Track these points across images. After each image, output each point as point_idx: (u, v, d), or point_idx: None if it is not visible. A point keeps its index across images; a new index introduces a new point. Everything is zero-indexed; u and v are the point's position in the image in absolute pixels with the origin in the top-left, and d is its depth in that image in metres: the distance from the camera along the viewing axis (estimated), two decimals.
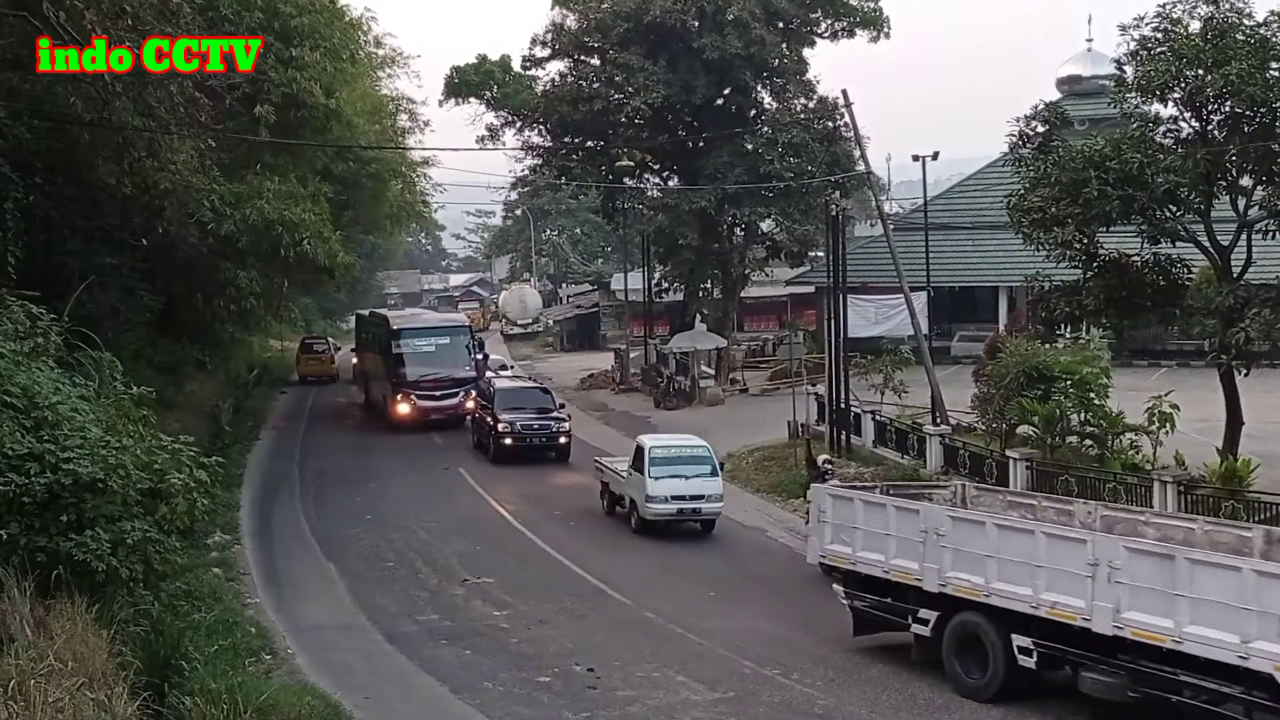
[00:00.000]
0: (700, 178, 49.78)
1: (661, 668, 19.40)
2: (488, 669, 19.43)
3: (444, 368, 43.57)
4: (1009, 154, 28.94)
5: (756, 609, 22.80)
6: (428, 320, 50.97)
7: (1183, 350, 43.65)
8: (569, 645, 20.51)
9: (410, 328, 45.92)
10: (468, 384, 43.00)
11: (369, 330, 51.36)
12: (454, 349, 44.58)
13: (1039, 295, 29.20)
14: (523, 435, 37.21)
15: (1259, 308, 24.67)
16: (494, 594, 23.57)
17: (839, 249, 37.88)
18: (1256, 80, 24.66)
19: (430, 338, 44.94)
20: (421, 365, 43.44)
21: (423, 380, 42.93)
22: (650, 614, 22.35)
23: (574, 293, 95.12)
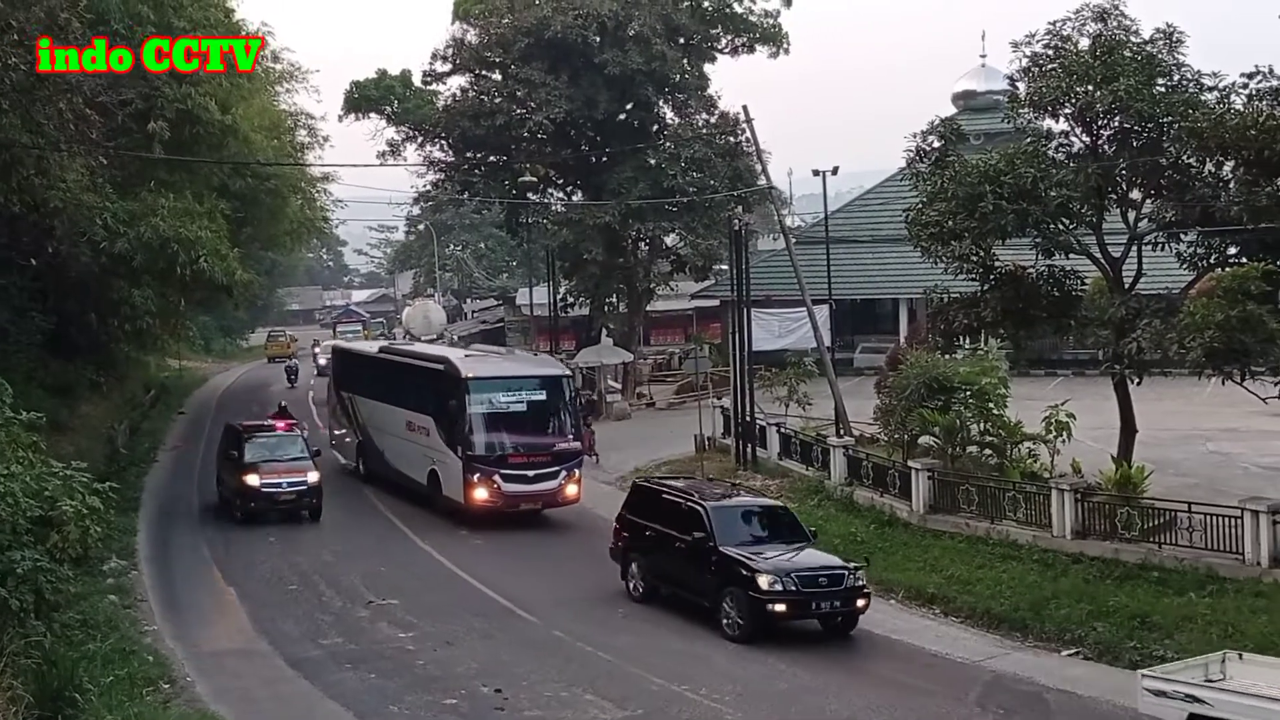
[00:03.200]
0: (604, 192, 49.83)
1: (570, 686, 19.29)
2: (393, 692, 19.14)
3: (538, 435, 31.06)
4: (907, 169, 29.35)
5: (667, 625, 22.78)
6: (513, 366, 34.46)
7: (1078, 360, 44.55)
8: (476, 666, 20.30)
9: (489, 377, 31.38)
10: (571, 460, 30.86)
11: (393, 376, 35.90)
12: (551, 408, 31.50)
13: (938, 308, 29.62)
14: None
15: (1150, 318, 25.21)
16: (399, 616, 23.26)
17: (742, 263, 38.13)
18: (1143, 96, 25.31)
19: (519, 392, 31.31)
20: (507, 432, 30.70)
21: (511, 455, 30.37)
22: (559, 633, 22.22)
23: (479, 308, 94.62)
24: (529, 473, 30.25)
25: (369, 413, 36.48)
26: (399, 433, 33.90)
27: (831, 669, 20.14)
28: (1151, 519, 23.93)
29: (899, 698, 18.86)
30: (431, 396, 32.18)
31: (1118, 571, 23.00)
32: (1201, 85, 25.89)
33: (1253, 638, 19.41)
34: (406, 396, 33.91)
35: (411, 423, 33.11)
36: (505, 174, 54.26)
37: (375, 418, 35.96)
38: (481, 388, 30.74)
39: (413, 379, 34.19)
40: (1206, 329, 23.22)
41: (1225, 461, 31.67)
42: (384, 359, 37.50)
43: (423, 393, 32.90)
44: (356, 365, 39.58)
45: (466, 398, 30.27)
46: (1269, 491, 25.24)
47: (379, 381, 36.29)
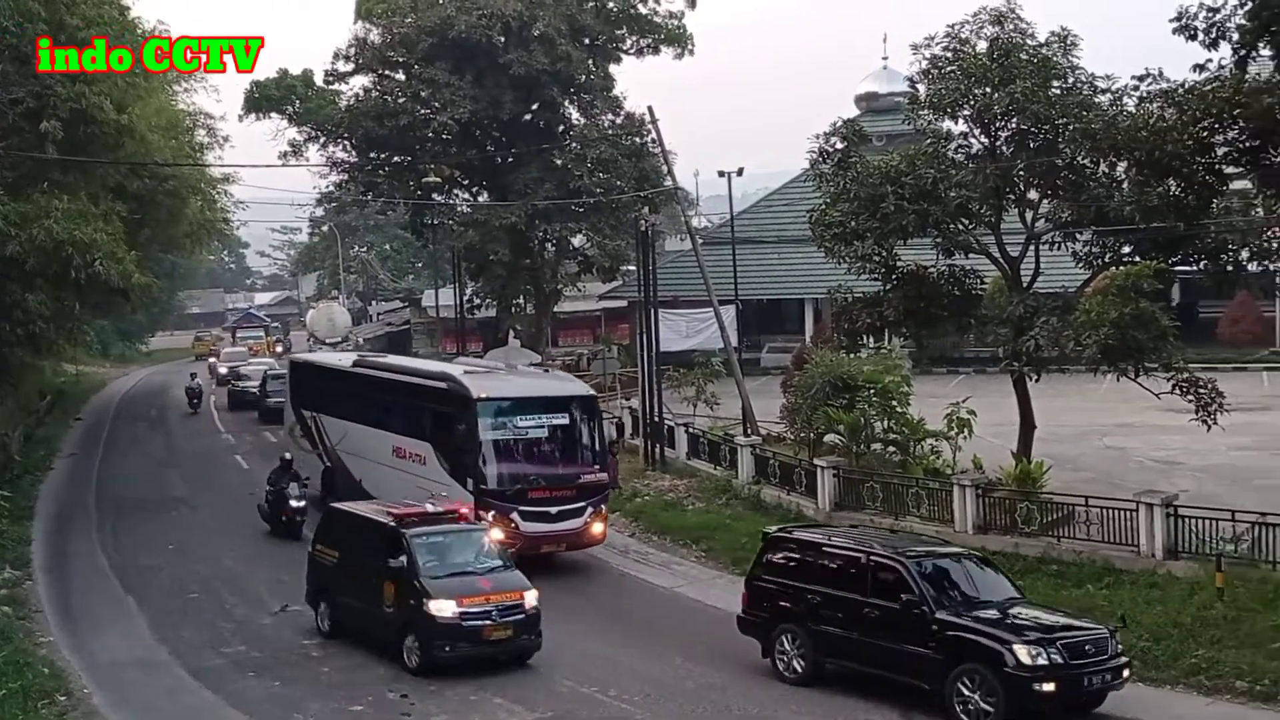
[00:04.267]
0: (510, 193, 49.70)
1: (478, 690, 19.17)
2: (298, 700, 18.88)
3: (561, 466, 26.66)
4: (810, 170, 29.61)
5: (576, 626, 22.66)
6: (529, 384, 29.44)
7: (979, 357, 45.26)
8: (383, 671, 20.07)
9: (505, 398, 26.87)
10: (598, 494, 26.62)
11: (374, 394, 30.88)
12: (576, 433, 27.09)
13: (842, 307, 29.93)
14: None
15: (1047, 316, 25.70)
16: (305, 622, 22.95)
17: (649, 264, 38.21)
18: (1039, 98, 25.79)
19: (539, 415, 26.69)
20: (526, 462, 26.31)
21: (531, 490, 25.81)
22: None
23: (384, 310, 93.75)
24: (551, 509, 25.69)
25: (340, 435, 31.73)
26: (383, 460, 29.06)
27: (736, 668, 20.18)
28: (1050, 513, 24.41)
29: (809, 693, 18.96)
30: (430, 419, 27.83)
31: (1018, 565, 23.36)
32: (1095, 87, 26.46)
33: (1148, 627, 19.88)
34: (394, 418, 29.41)
35: (401, 449, 28.56)
36: (410, 175, 53.86)
37: (349, 442, 31.14)
38: (496, 410, 26.19)
39: (403, 399, 29.42)
40: (1101, 326, 23.76)
41: (1121, 456, 32.38)
42: (362, 375, 31.94)
43: (417, 415, 28.41)
44: (323, 381, 34.30)
45: (478, 422, 25.82)
46: (1162, 485, 25.90)
47: (355, 400, 31.50)
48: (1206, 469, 29.49)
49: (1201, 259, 26.29)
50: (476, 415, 25.97)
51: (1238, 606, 20.26)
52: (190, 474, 39.27)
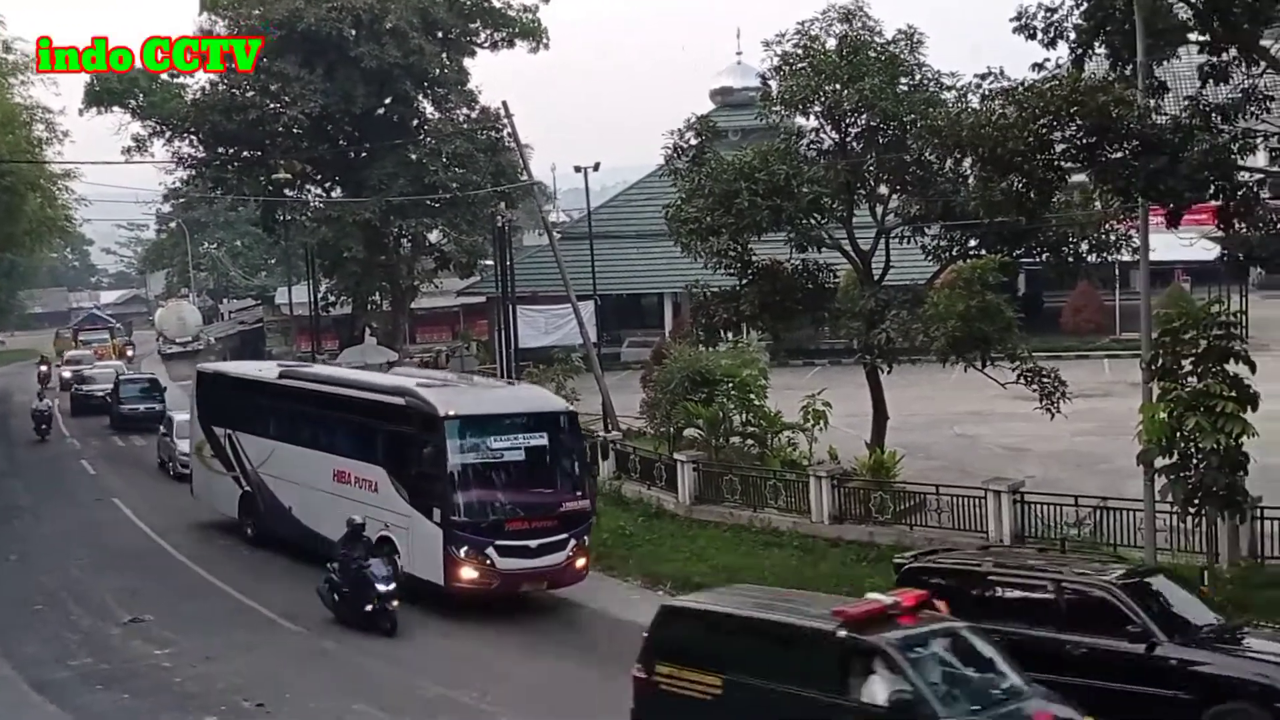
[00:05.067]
0: (364, 189, 49.03)
1: (339, 698, 18.83)
2: (147, 712, 18.35)
3: (541, 493, 23.71)
4: (665, 166, 29.77)
5: (441, 629, 22.48)
6: (501, 399, 25.66)
7: (834, 350, 45.96)
8: (238, 681, 19.60)
9: (476, 416, 23.45)
10: (581, 524, 23.53)
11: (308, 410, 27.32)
12: (556, 455, 23.89)
13: (700, 302, 30.17)
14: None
15: (897, 309, 26.26)
16: (155, 632, 22.28)
17: (506, 259, 38.08)
18: (887, 95, 26.32)
19: (515, 435, 23.33)
20: (502, 489, 23.33)
21: (508, 520, 22.83)
22: (329, 643, 21.62)
23: (237, 308, 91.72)
24: (531, 543, 22.53)
25: (263, 457, 28.14)
26: (320, 485, 25.70)
27: (609, 668, 20.19)
28: (903, 502, 24.97)
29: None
30: (384, 441, 24.38)
31: (873, 553, 23.86)
32: (941, 84, 27.11)
33: None
34: (336, 439, 25.96)
35: (345, 474, 25.03)
36: (260, 170, 52.67)
37: (276, 464, 27.63)
38: (466, 430, 22.78)
39: (348, 417, 25.76)
40: (949, 319, 24.36)
41: (971, 444, 33.23)
42: (292, 388, 27.99)
43: (366, 435, 24.93)
44: (240, 395, 30.24)
45: (446, 444, 22.44)
46: (1010, 471, 26.68)
47: (282, 417, 27.94)
48: (1052, 455, 30.44)
49: (1044, 251, 27.14)
50: (444, 436, 22.47)
51: None
52: (34, 483, 37.86)
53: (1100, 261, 27.86)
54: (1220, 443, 18.87)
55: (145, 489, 36.40)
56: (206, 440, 30.85)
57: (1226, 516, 20.02)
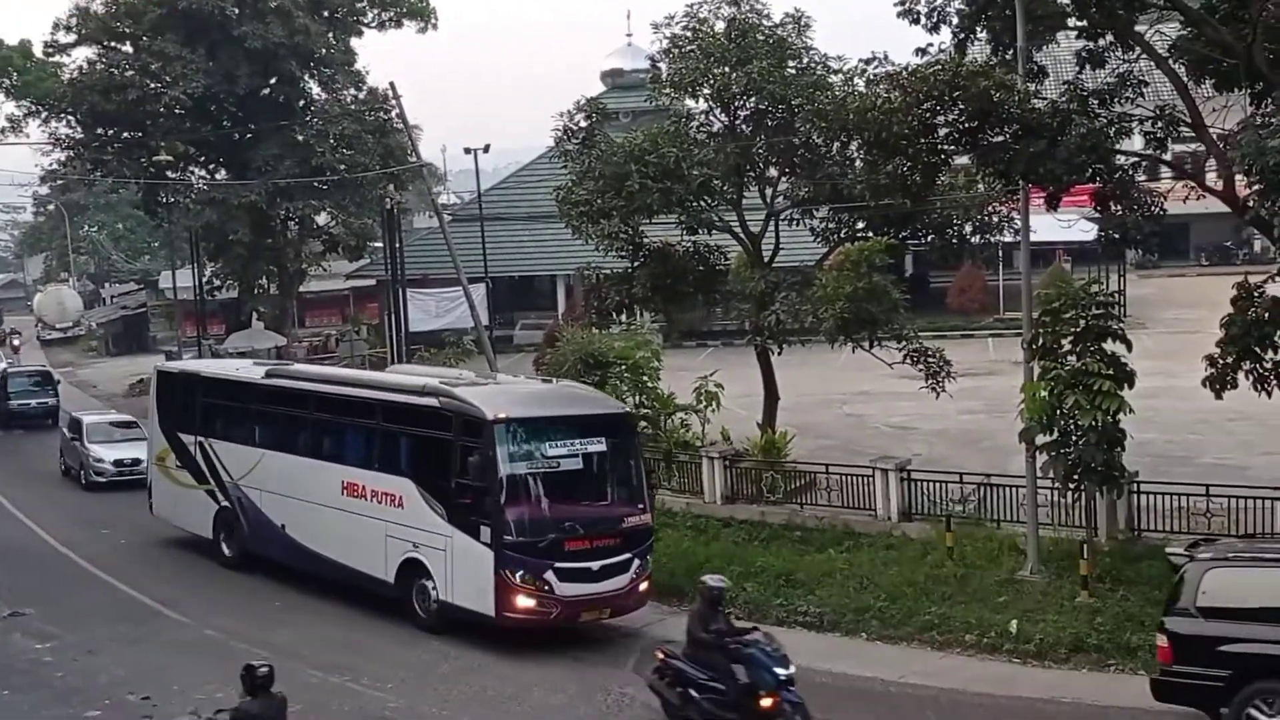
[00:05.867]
0: (249, 171, 48.19)
1: (224, 687, 18.32)
2: (28, 709, 17.88)
3: (601, 507, 20.96)
4: (556, 148, 29.68)
5: (324, 615, 22.26)
6: (553, 401, 22.05)
7: (727, 331, 46.21)
8: (122, 674, 19.20)
9: (530, 419, 20.46)
10: (644, 542, 20.69)
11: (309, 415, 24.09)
12: (616, 464, 21.12)
13: (592, 285, 30.16)
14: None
15: (787, 291, 26.53)
16: (35, 626, 21.71)
17: (396, 242, 37.71)
18: (775, 78, 26.52)
19: (571, 440, 20.37)
20: (558, 504, 20.25)
21: (568, 539, 19.81)
22: (212, 632, 21.30)
23: (119, 292, 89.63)
24: (593, 564, 19.70)
25: (246, 467, 25.07)
26: (325, 499, 22.80)
27: (495, 648, 20.16)
28: (794, 481, 25.28)
29: (564, 669, 19.11)
30: (412, 449, 21.70)
31: (764, 533, 24.13)
32: (828, 68, 27.40)
33: (885, 588, 20.79)
34: (344, 447, 23.27)
35: (358, 486, 22.19)
36: (141, 151, 51.40)
37: (263, 476, 24.62)
38: (519, 435, 19.94)
39: (360, 420, 22.98)
40: (838, 300, 24.68)
41: (860, 423, 33.71)
42: (285, 389, 24.89)
43: (387, 442, 22.23)
44: (215, 397, 26.98)
45: (496, 451, 19.52)
46: (897, 450, 27.14)
47: (272, 423, 25.03)
48: (938, 433, 31.02)
49: (929, 233, 27.64)
50: (494, 442, 19.52)
51: (966, 564, 21.44)
52: None
53: (983, 243, 28.42)
54: (1098, 420, 19.40)
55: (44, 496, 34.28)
56: (170, 449, 27.21)
57: (1104, 491, 20.60)
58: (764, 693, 14.93)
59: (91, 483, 34.00)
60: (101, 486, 33.35)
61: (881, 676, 18.32)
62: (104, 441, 34.71)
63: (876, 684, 18.11)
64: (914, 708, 17.18)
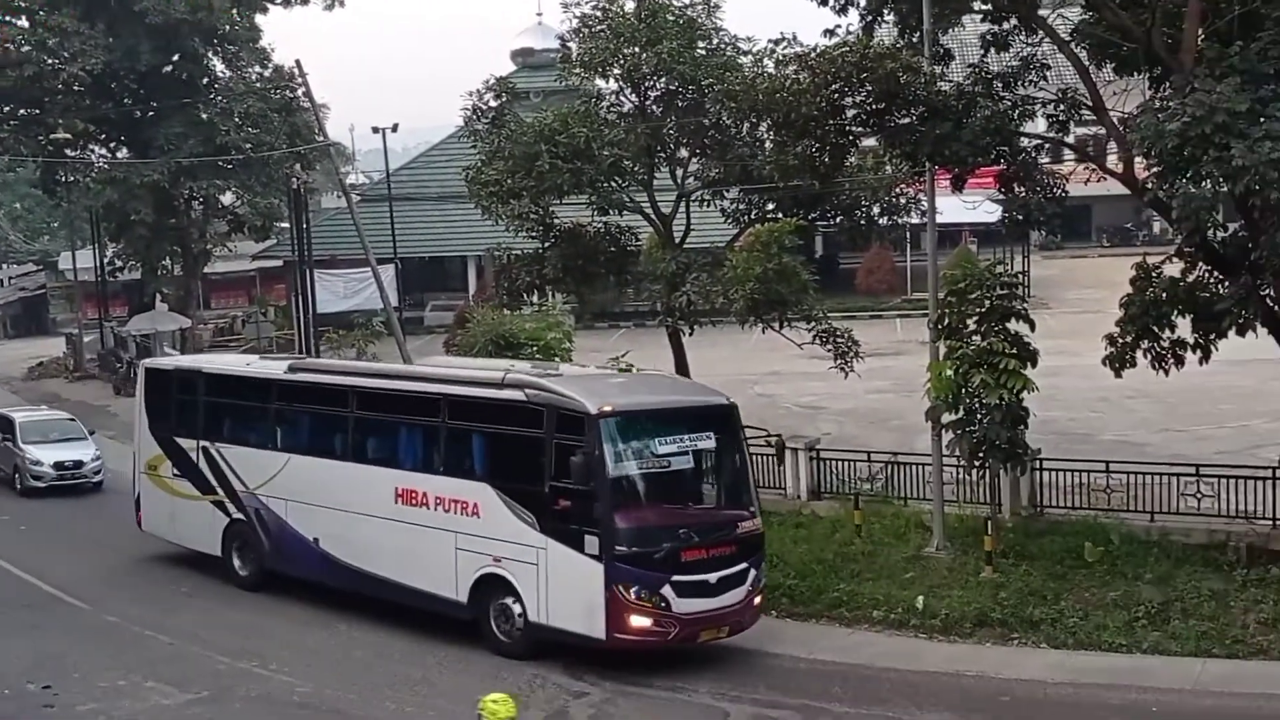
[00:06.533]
0: (151, 149, 47.12)
1: (128, 674, 18.24)
2: None
3: (713, 510, 18.82)
4: (465, 128, 29.43)
5: (231, 599, 21.99)
6: (655, 391, 20.54)
7: (639, 312, 46.18)
8: (19, 663, 18.75)
9: (637, 412, 18.49)
10: (758, 549, 18.75)
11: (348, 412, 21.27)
12: (725, 462, 18.98)
13: (503, 265, 29.99)
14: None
15: (698, 272, 26.56)
16: None
17: (303, 222, 37.19)
18: (685, 59, 26.51)
19: (681, 436, 18.27)
20: (671, 508, 18.32)
21: (685, 548, 17.67)
22: (113, 618, 20.97)
23: (17, 274, 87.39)
24: (710, 576, 17.64)
25: (266, 474, 22.14)
26: (371, 509, 20.18)
27: (403, 631, 20.01)
28: None
29: (473, 651, 19.04)
30: (489, 448, 19.09)
31: None
32: (738, 49, 27.44)
33: (794, 565, 20.97)
34: (397, 448, 20.49)
35: (416, 493, 19.54)
36: (39, 129, 49.97)
37: (289, 484, 21.72)
38: (628, 430, 17.79)
39: (420, 418, 20.12)
40: (748, 281, 24.76)
41: (770, 403, 33.90)
42: (318, 385, 22.11)
43: (456, 442, 19.49)
44: (225, 396, 23.92)
45: (604, 450, 17.32)
46: (807, 429, 27.38)
47: (299, 423, 22.42)
48: (847, 412, 31.34)
49: (837, 215, 27.89)
50: (600, 439, 17.28)
51: (874, 541, 21.74)
52: None
53: (891, 224, 28.70)
54: (1003, 398, 19.75)
55: None
56: (165, 456, 24.22)
57: (1009, 468, 20.96)
58: None
59: (29, 488, 30.97)
60: (40, 492, 30.61)
61: (791, 653, 18.50)
62: (40, 442, 31.56)
63: (786, 660, 18.29)
64: (822, 684, 17.37)
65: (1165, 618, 18.07)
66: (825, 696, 16.86)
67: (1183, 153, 16.46)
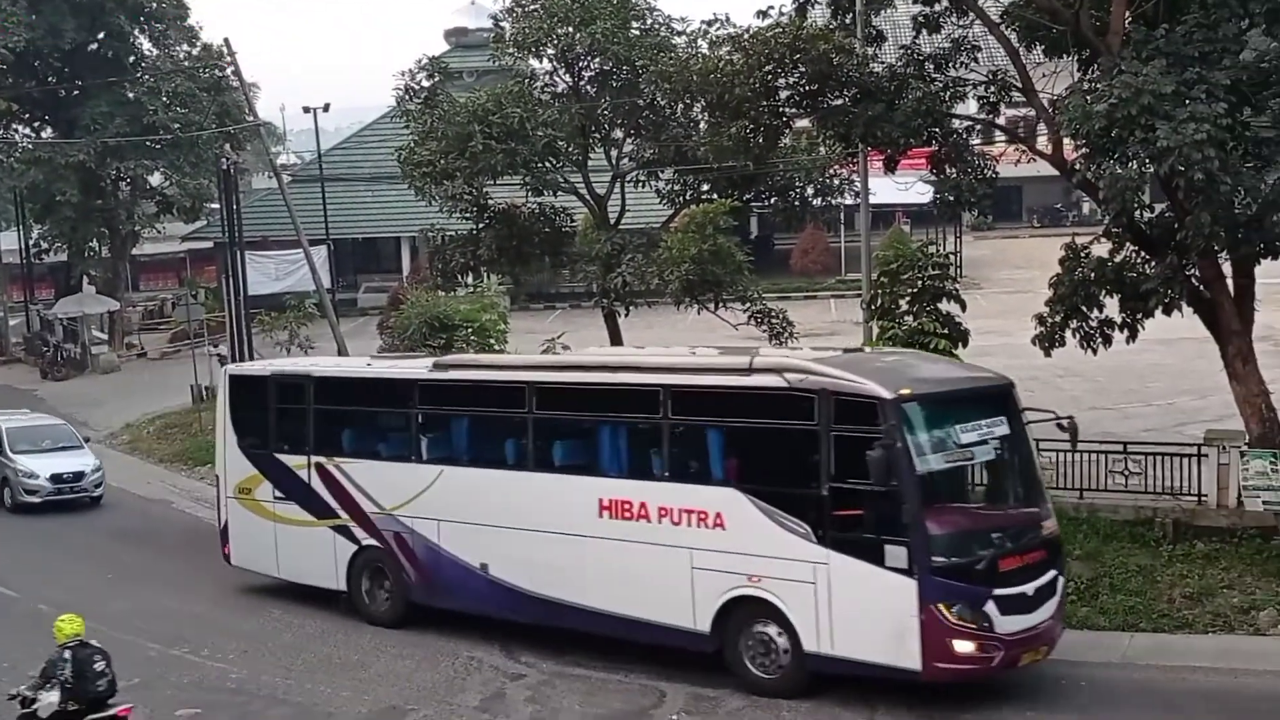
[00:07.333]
0: (76, 129, 46.38)
1: None
2: None
3: (1017, 510, 16.43)
4: (397, 108, 29.19)
5: (162, 586, 21.80)
6: (942, 374, 17.38)
7: (574, 293, 46.18)
8: None
9: (938, 396, 15.78)
10: (1060, 550, 16.50)
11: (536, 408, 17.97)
12: (1020, 452, 16.22)
13: (437, 246, 29.79)
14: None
15: (633, 253, 26.52)
16: None
17: (233, 203, 36.74)
18: (619, 39, 26.40)
19: (979, 424, 15.51)
20: (979, 508, 16.39)
21: (1002, 559, 15.18)
22: (43, 605, 20.54)
23: None
24: (1027, 588, 15.13)
25: (411, 492, 18.98)
26: (567, 527, 17.22)
27: (338, 616, 19.89)
28: None
29: (409, 635, 18.96)
30: (740, 446, 16.14)
31: None
32: (672, 30, 27.40)
33: None
34: (606, 452, 17.29)
35: (633, 505, 16.61)
36: None
37: (444, 501, 18.63)
38: (932, 419, 15.21)
39: (636, 415, 17.08)
40: (683, 262, 24.77)
41: None
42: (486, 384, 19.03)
43: (691, 440, 16.64)
44: (345, 404, 20.89)
45: (908, 443, 14.69)
46: None
47: (460, 429, 19.10)
48: None
49: (772, 196, 27.94)
50: (903, 430, 14.68)
51: None
52: None
53: (825, 205, 28.80)
54: None
55: None
56: (262, 476, 21.05)
57: None
58: None
59: (21, 504, 27.96)
60: (35, 508, 27.67)
61: None
62: (32, 451, 28.46)
63: None
64: None
65: (1094, 593, 18.33)
66: None
67: (1109, 134, 16.69)
